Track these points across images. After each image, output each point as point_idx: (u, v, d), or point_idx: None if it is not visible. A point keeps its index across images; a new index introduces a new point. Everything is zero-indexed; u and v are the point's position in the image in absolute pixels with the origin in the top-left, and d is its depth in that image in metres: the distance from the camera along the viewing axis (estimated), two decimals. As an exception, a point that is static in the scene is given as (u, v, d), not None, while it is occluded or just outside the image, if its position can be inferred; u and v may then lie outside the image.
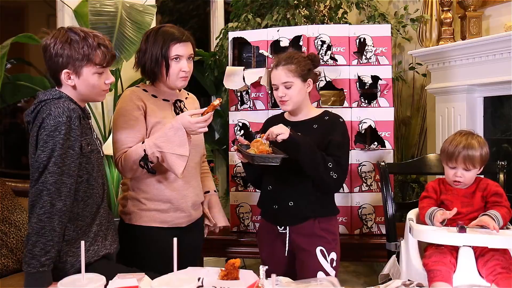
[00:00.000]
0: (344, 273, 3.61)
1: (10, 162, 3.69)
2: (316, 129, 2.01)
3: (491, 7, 2.99)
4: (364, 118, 2.56)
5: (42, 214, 1.52)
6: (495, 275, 1.58)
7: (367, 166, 2.56)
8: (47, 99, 1.63)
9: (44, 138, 1.56)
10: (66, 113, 1.57)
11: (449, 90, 3.09)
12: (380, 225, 2.55)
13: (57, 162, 1.54)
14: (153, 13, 3.02)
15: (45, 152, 1.55)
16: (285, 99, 1.98)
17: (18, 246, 2.21)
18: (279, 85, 1.98)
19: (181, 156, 1.78)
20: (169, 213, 1.93)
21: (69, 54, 1.60)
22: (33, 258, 1.51)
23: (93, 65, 1.63)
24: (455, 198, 1.81)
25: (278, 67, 2.00)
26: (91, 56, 1.61)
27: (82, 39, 1.61)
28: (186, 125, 1.78)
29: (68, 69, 1.62)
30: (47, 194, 1.53)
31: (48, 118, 1.56)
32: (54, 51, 1.61)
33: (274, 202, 2.00)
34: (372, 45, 2.57)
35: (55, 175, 1.54)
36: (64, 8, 3.21)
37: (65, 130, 1.56)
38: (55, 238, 1.54)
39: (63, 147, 1.55)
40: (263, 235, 2.10)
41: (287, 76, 1.97)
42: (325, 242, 1.95)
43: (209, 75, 3.51)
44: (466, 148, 1.77)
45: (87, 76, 1.64)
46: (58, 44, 1.61)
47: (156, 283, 1.25)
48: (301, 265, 1.96)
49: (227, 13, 3.91)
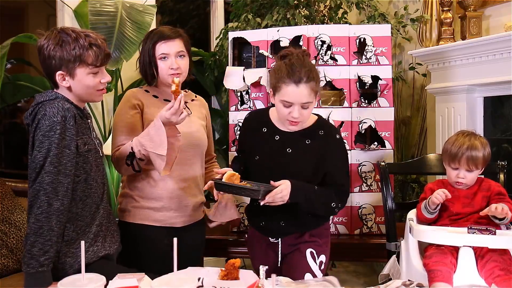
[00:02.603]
0: (344, 273, 3.61)
1: (10, 162, 3.69)
2: (309, 145, 1.83)
3: (491, 7, 2.99)
4: (364, 118, 2.56)
5: (39, 214, 1.53)
6: (493, 278, 1.58)
7: (367, 166, 2.56)
8: (43, 100, 1.64)
9: (40, 139, 1.56)
10: (60, 113, 1.57)
11: (449, 90, 3.09)
12: (380, 225, 2.55)
13: (53, 162, 1.55)
14: (153, 13, 3.02)
15: (41, 152, 1.55)
16: (299, 120, 1.76)
17: (18, 246, 2.21)
18: (297, 104, 1.72)
19: (160, 155, 1.76)
20: (162, 212, 1.93)
21: (61, 56, 1.61)
22: (32, 258, 1.51)
23: (86, 65, 1.63)
24: (456, 199, 1.81)
25: (299, 84, 1.71)
26: (83, 56, 1.61)
27: (73, 40, 1.61)
28: (166, 120, 1.75)
29: (61, 70, 1.63)
30: (44, 194, 1.54)
31: (43, 119, 1.57)
32: (47, 53, 1.62)
33: (263, 219, 1.88)
34: (372, 45, 2.57)
35: (51, 174, 1.54)
36: (64, 8, 3.21)
37: (60, 130, 1.56)
38: (53, 238, 1.54)
39: (59, 146, 1.56)
40: (253, 244, 2.00)
41: (310, 96, 1.72)
42: (316, 245, 1.89)
43: (209, 75, 3.51)
44: (469, 149, 1.76)
45: (81, 76, 1.64)
46: (51, 46, 1.61)
47: (156, 283, 1.25)
48: (289, 266, 1.88)
49: (227, 13, 3.91)
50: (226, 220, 2.09)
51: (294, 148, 1.83)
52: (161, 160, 1.77)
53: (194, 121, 2.02)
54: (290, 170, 1.81)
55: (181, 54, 1.95)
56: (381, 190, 2.22)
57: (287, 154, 1.84)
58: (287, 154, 1.84)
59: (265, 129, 1.91)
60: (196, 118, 2.05)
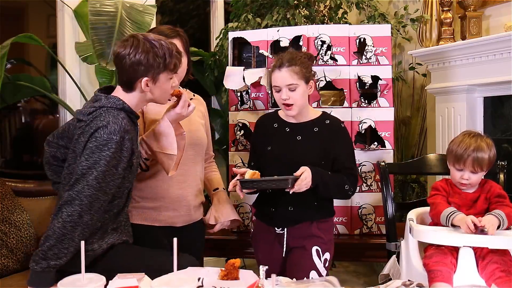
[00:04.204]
0: (344, 273, 3.61)
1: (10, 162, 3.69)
2: (317, 132, 1.98)
3: (491, 7, 2.99)
4: (364, 118, 2.56)
5: (68, 222, 1.53)
6: (494, 279, 1.58)
7: (367, 166, 2.56)
8: (109, 106, 1.63)
9: (93, 148, 1.56)
10: (121, 133, 1.57)
11: (449, 90, 3.09)
12: (380, 225, 2.55)
13: (98, 177, 1.55)
14: (153, 13, 3.01)
15: (88, 161, 1.55)
16: (290, 102, 1.93)
17: (18, 246, 2.21)
18: (283, 87, 1.92)
19: (169, 155, 1.78)
20: (161, 212, 1.93)
21: (150, 63, 1.63)
22: (44, 259, 1.52)
23: (169, 71, 1.67)
24: (463, 202, 1.80)
25: (281, 68, 1.93)
26: (167, 62, 1.65)
27: (160, 47, 1.65)
28: (174, 117, 1.77)
29: (147, 76, 1.64)
30: (79, 205, 1.53)
31: (103, 130, 1.56)
32: (136, 60, 1.62)
33: (272, 206, 1.99)
34: (372, 45, 2.57)
35: (92, 189, 1.54)
36: (64, 8, 3.21)
37: (114, 149, 1.56)
38: (70, 248, 1.54)
39: (108, 164, 1.56)
40: (259, 236, 2.08)
41: (292, 78, 1.91)
42: (322, 243, 1.96)
43: (209, 75, 3.51)
44: (475, 150, 1.74)
45: (163, 82, 1.68)
46: (140, 54, 1.62)
47: (156, 283, 1.25)
48: (294, 263, 1.95)
49: (227, 13, 3.90)
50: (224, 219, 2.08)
51: (303, 136, 1.97)
52: (170, 160, 1.78)
53: (193, 120, 2.02)
54: (300, 155, 1.94)
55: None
56: (381, 190, 2.22)
57: (297, 141, 1.99)
58: (297, 141, 1.99)
59: (276, 125, 2.05)
60: (196, 117, 2.05)
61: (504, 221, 1.66)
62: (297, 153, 1.95)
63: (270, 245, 2.02)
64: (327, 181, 1.89)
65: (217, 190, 2.16)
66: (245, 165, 2.61)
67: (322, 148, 1.95)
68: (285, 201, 1.94)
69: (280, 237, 1.99)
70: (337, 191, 1.95)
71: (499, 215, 1.66)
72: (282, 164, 1.92)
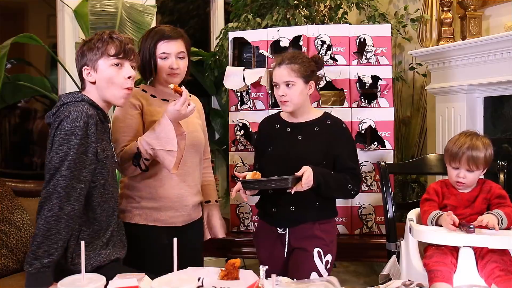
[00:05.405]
0: (344, 273, 3.61)
1: (10, 162, 3.69)
2: (318, 132, 1.99)
3: (491, 7, 2.99)
4: (364, 118, 2.56)
5: (50, 217, 1.53)
6: (494, 278, 1.58)
7: (367, 166, 2.56)
8: (69, 101, 1.64)
9: (60, 141, 1.56)
10: (84, 119, 1.57)
11: (449, 90, 3.09)
12: (380, 225, 2.55)
13: (70, 167, 1.55)
14: (153, 13, 3.02)
15: (59, 154, 1.56)
16: (286, 99, 1.94)
17: (18, 246, 2.21)
18: (281, 83, 1.94)
19: (170, 151, 1.78)
20: (161, 212, 1.93)
21: (86, 52, 1.66)
22: (36, 259, 1.52)
23: (108, 56, 1.65)
24: (459, 202, 1.79)
25: (281, 65, 1.95)
26: (104, 48, 1.65)
27: (97, 35, 1.67)
28: (175, 115, 1.77)
29: (87, 65, 1.67)
30: (57, 197, 1.54)
31: (66, 121, 1.57)
32: (77, 55, 1.69)
33: (274, 206, 1.99)
34: (372, 45, 2.57)
35: (66, 179, 1.55)
36: (64, 8, 3.21)
37: (81, 136, 1.57)
38: (59, 242, 1.54)
39: (77, 152, 1.56)
40: (261, 236, 2.08)
41: (290, 75, 1.93)
42: (323, 244, 1.95)
43: (209, 75, 3.51)
44: (470, 149, 1.75)
45: (104, 68, 1.66)
46: (80, 48, 1.69)
47: (156, 283, 1.25)
48: (296, 264, 1.95)
49: (227, 13, 3.90)
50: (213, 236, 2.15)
51: (303, 135, 1.98)
52: (171, 157, 1.78)
53: (191, 120, 2.02)
54: (302, 155, 1.95)
55: (181, 55, 1.96)
56: (381, 190, 2.22)
57: (297, 141, 1.99)
58: (297, 141, 1.99)
59: (277, 125, 2.07)
60: (193, 118, 2.05)
61: (504, 220, 1.66)
62: (297, 153, 1.96)
63: (272, 245, 2.02)
64: (329, 180, 1.89)
65: (208, 203, 2.16)
66: (245, 165, 2.61)
67: (323, 147, 1.95)
68: (286, 201, 1.94)
69: (282, 237, 1.99)
70: (340, 191, 1.96)
71: (498, 214, 1.67)
72: (283, 164, 1.93)
